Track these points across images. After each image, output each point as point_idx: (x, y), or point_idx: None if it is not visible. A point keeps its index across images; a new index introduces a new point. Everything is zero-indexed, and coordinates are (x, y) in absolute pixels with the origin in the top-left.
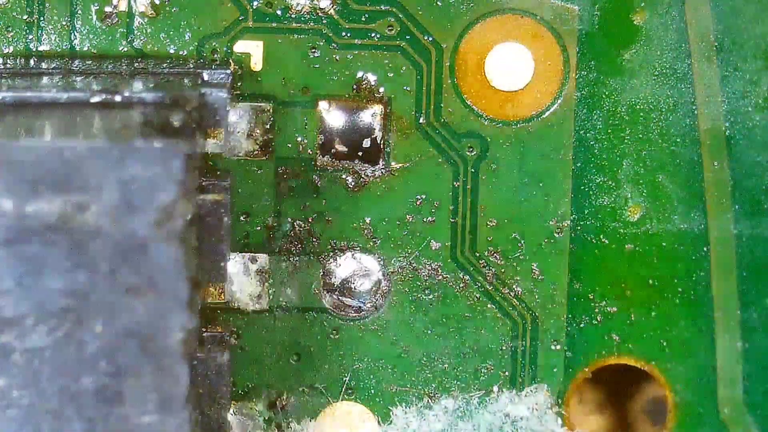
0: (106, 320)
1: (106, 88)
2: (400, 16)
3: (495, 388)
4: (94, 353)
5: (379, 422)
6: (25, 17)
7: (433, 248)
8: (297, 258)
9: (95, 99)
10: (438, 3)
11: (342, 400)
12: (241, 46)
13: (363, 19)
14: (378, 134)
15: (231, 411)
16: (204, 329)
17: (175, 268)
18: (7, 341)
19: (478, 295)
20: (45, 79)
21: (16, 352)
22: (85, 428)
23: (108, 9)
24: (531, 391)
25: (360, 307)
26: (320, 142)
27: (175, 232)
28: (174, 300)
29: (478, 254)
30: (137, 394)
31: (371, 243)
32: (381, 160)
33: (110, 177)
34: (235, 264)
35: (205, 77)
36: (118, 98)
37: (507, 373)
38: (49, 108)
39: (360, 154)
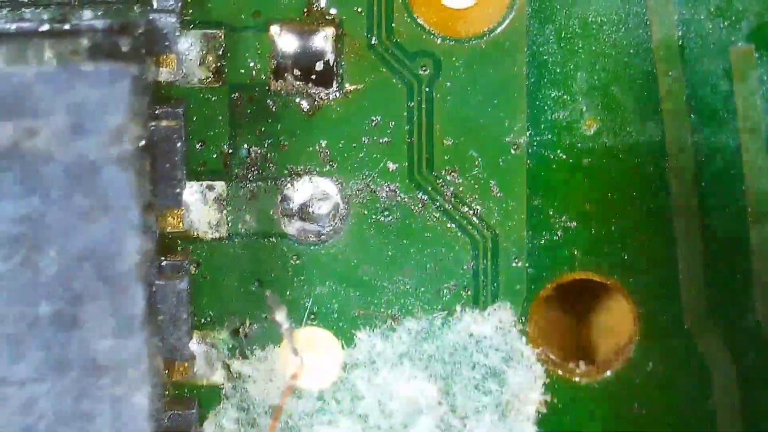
0: (61, 245)
1: (55, 18)
2: None
3: (458, 308)
4: (50, 279)
5: (343, 346)
6: None
7: (391, 169)
8: (254, 184)
9: (44, 28)
10: None
11: (305, 325)
12: None
13: None
14: (330, 57)
15: (195, 340)
16: (164, 258)
17: (127, 191)
18: None
19: (437, 215)
20: None
21: None
22: (44, 354)
23: None
24: (494, 309)
25: (319, 231)
26: (273, 67)
27: (126, 156)
28: (127, 223)
29: (435, 174)
30: (94, 319)
31: (328, 166)
32: (335, 82)
33: (59, 101)
34: (192, 192)
35: (154, 4)
36: (66, 26)
37: (469, 293)
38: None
39: (313, 77)
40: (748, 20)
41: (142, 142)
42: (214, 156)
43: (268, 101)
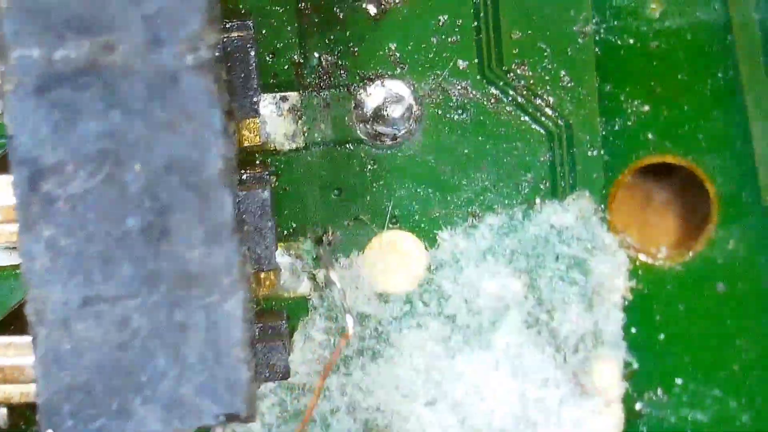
0: (145, 158)
1: None
2: None
3: (537, 200)
4: (136, 193)
5: (426, 247)
6: None
7: (461, 67)
8: (327, 92)
9: None
10: None
11: (387, 229)
12: None
13: None
14: None
15: (279, 252)
16: (243, 171)
17: (207, 98)
18: (49, 189)
19: (510, 109)
20: None
21: (60, 200)
22: (135, 269)
23: None
24: (573, 199)
25: (395, 134)
26: None
27: (204, 62)
28: (209, 129)
29: (505, 68)
30: (183, 229)
31: (399, 69)
32: None
33: (134, 13)
34: (266, 105)
35: None
36: None
37: (548, 184)
38: None
39: None
40: None
41: (217, 47)
42: (285, 67)
43: (335, 8)
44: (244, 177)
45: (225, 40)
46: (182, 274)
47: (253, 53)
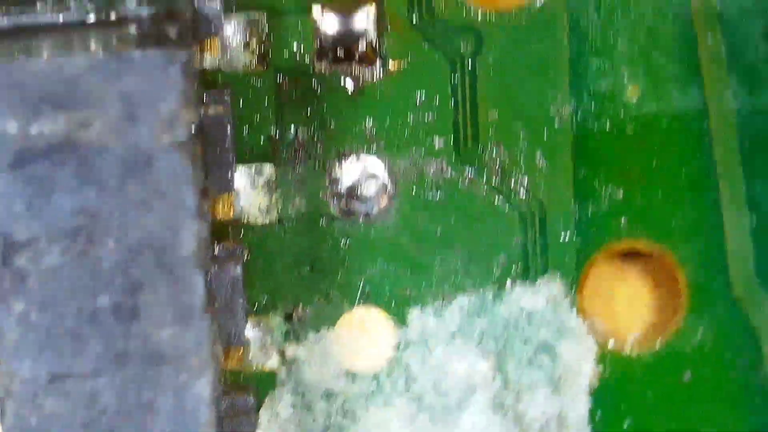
0: (119, 236)
1: (101, 7)
2: None
3: (508, 282)
4: (108, 270)
5: (395, 326)
6: None
7: (437, 146)
8: (303, 166)
9: (91, 18)
10: None
11: (358, 306)
12: None
13: None
14: (372, 36)
15: (248, 326)
16: (216, 245)
17: (182, 178)
18: (22, 265)
19: (484, 190)
20: (39, 5)
21: (32, 276)
22: (105, 346)
23: None
24: (544, 282)
25: (368, 211)
26: (317, 49)
27: (180, 141)
28: (184, 210)
29: (481, 148)
30: (154, 308)
31: (374, 146)
32: (378, 61)
33: (111, 91)
34: (241, 177)
35: None
36: (113, 15)
37: (519, 266)
38: (46, 31)
39: (356, 57)
40: None
41: (193, 125)
42: (262, 140)
43: (313, 83)
44: (216, 251)
45: (202, 114)
46: (152, 353)
47: (229, 129)
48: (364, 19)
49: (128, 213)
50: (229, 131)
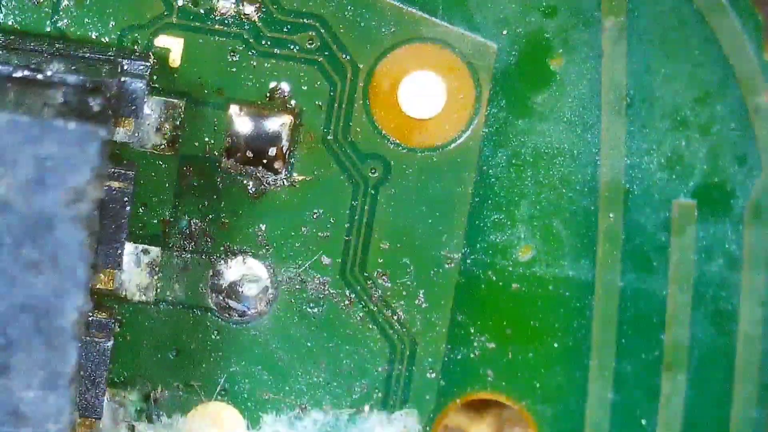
0: (4, 292)
1: (29, 65)
2: (322, 31)
3: (366, 408)
4: None
5: (248, 426)
6: None
7: (324, 263)
8: (189, 255)
9: (18, 74)
10: (361, 24)
11: (215, 400)
12: (162, 41)
13: (285, 29)
14: (285, 144)
15: (105, 397)
16: (90, 314)
17: (77, 251)
18: None
19: (361, 315)
20: None
21: None
22: None
23: None
24: (401, 414)
25: (244, 311)
26: (227, 145)
27: (83, 215)
28: (73, 281)
29: (366, 274)
30: (25, 369)
31: (263, 250)
32: (284, 170)
33: (26, 152)
34: (127, 253)
35: (125, 66)
36: (40, 76)
37: (380, 395)
38: None
39: (264, 161)
40: (695, 177)
41: (97, 207)
42: (155, 221)
43: (217, 177)
44: (90, 319)
45: (105, 189)
46: (13, 412)
47: (128, 209)
48: (279, 126)
49: (19, 272)
50: (127, 210)
